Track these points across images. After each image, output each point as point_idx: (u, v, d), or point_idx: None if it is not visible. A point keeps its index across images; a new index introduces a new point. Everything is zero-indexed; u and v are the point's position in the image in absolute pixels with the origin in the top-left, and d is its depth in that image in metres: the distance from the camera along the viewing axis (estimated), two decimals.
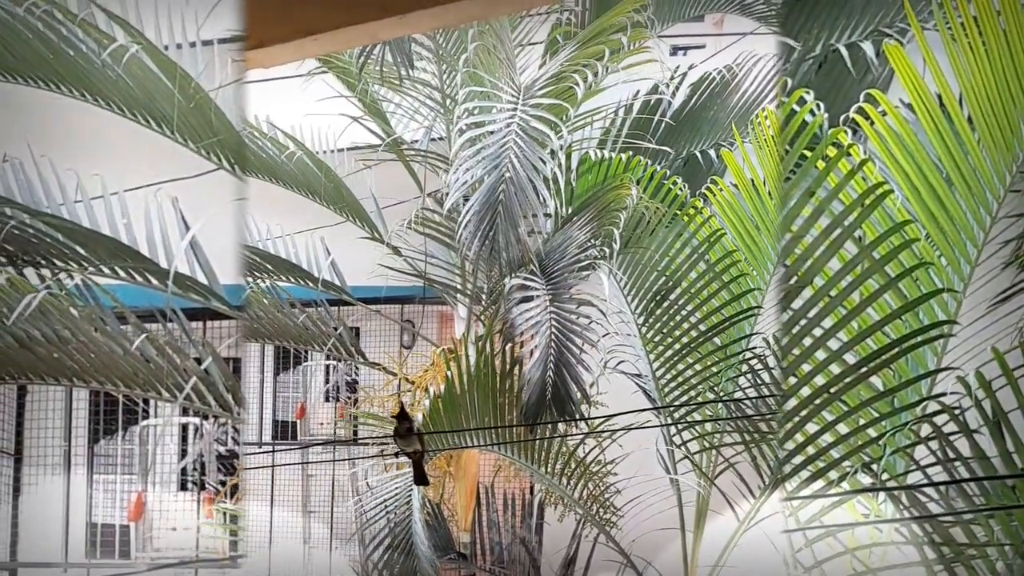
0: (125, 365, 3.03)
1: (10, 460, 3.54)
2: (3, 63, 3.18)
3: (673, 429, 3.84)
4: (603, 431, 3.84)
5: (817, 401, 2.60)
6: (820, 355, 2.60)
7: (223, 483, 3.70)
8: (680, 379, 3.75)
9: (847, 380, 2.57)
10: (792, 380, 2.63)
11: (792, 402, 2.64)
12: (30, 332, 2.95)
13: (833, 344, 2.59)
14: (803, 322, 2.58)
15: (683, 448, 3.84)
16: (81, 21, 3.13)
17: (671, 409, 3.83)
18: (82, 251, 3.12)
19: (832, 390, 2.59)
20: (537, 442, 3.80)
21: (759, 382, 3.55)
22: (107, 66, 3.25)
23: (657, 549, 3.98)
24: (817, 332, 2.59)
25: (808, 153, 2.58)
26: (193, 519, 3.41)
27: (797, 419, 2.63)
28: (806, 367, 2.61)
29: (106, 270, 3.15)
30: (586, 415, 3.70)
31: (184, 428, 3.47)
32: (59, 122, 3.38)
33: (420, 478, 3.81)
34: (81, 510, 3.70)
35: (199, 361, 3.15)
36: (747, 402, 3.61)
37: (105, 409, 3.68)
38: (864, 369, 2.56)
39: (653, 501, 3.86)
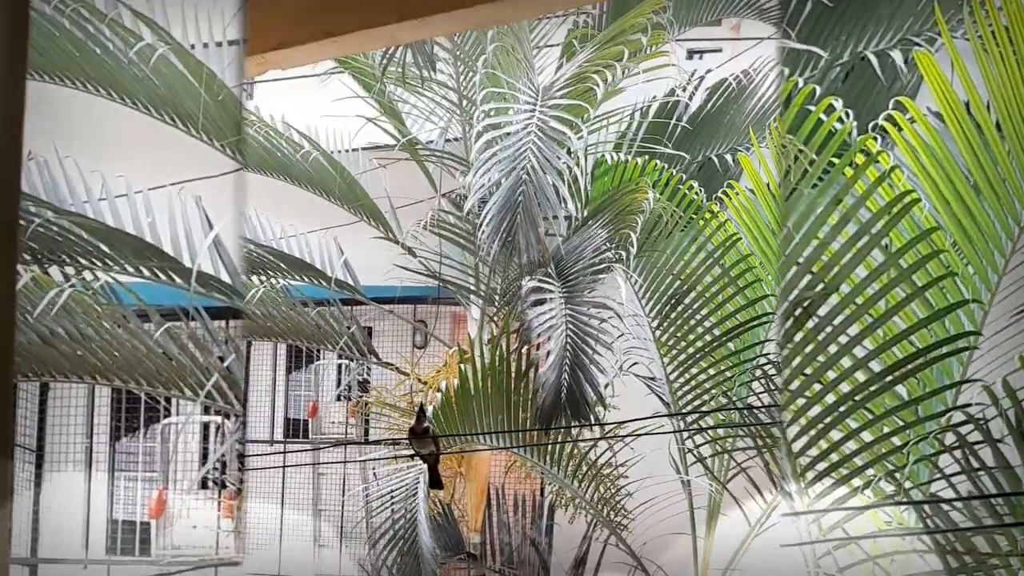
0: (148, 363, 3.03)
1: (32, 456, 3.52)
2: (29, 61, 3.16)
3: (686, 433, 3.83)
4: (616, 436, 3.83)
5: (842, 408, 2.59)
6: (846, 362, 2.58)
7: (243, 482, 3.69)
8: (693, 383, 3.74)
9: (872, 388, 2.56)
10: (816, 387, 2.62)
11: (816, 409, 2.62)
12: (53, 329, 2.94)
13: (859, 352, 2.57)
14: (828, 329, 2.57)
15: (695, 452, 3.83)
16: (109, 20, 3.12)
17: (684, 413, 3.82)
18: (106, 249, 3.11)
19: (857, 398, 2.58)
20: (550, 445, 3.79)
21: (773, 387, 3.54)
22: (133, 64, 3.24)
23: (668, 551, 3.96)
24: (843, 339, 2.58)
25: (836, 160, 2.57)
26: (214, 517, 3.39)
27: (821, 426, 2.62)
28: (831, 374, 2.60)
29: (130, 268, 3.14)
30: (601, 418, 3.69)
31: (206, 426, 3.45)
32: (84, 120, 3.36)
33: (435, 482, 3.80)
34: (102, 507, 3.69)
35: (222, 359, 3.13)
36: (760, 408, 3.60)
37: (127, 407, 3.66)
38: (889, 378, 2.55)
39: (664, 504, 3.84)
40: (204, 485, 3.57)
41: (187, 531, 3.43)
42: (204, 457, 3.44)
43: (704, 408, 3.77)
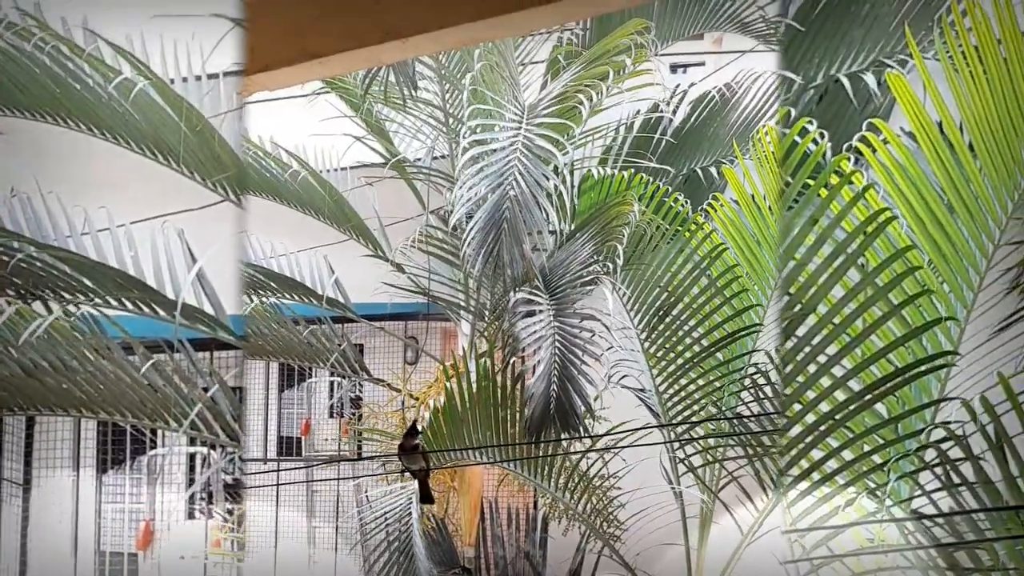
0: (133, 395, 3.02)
1: (19, 490, 3.52)
2: (11, 98, 3.17)
3: (676, 443, 3.83)
4: (606, 447, 3.83)
5: (822, 427, 2.59)
6: (825, 382, 2.58)
7: (230, 512, 3.70)
8: (683, 393, 3.74)
9: (852, 407, 2.56)
10: (797, 407, 2.62)
11: (797, 428, 2.62)
12: (38, 362, 2.94)
13: (837, 371, 2.57)
14: (807, 349, 2.57)
15: (686, 462, 3.83)
16: (88, 56, 3.12)
17: (674, 424, 3.82)
18: (89, 283, 3.11)
19: (837, 417, 2.58)
20: (540, 458, 3.79)
21: (761, 396, 3.54)
22: (114, 100, 3.24)
23: (661, 561, 3.97)
24: (822, 359, 2.57)
25: (811, 182, 2.56)
26: (201, 547, 3.40)
27: (802, 445, 2.62)
28: (811, 394, 2.60)
29: (113, 301, 3.13)
30: (590, 429, 3.68)
31: (192, 457, 3.46)
32: (66, 155, 3.37)
33: (425, 496, 3.80)
34: (90, 539, 3.70)
35: (206, 390, 3.13)
36: (750, 417, 3.60)
37: (113, 439, 3.68)
38: (868, 396, 2.55)
39: (657, 514, 3.84)
40: (191, 516, 3.58)
41: (174, 561, 3.44)
42: (190, 487, 3.45)
43: (694, 418, 3.77)
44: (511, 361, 3.68)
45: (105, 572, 3.65)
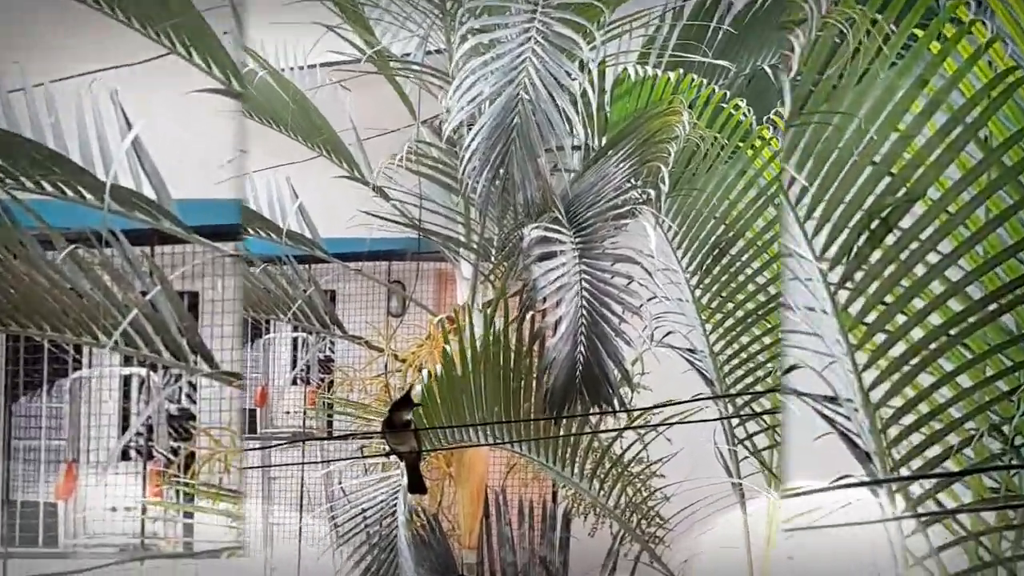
0: (52, 302, 3.02)
1: None
2: None
3: (735, 419, 3.84)
4: (647, 425, 3.84)
5: (932, 346, 2.59)
6: (936, 287, 2.58)
7: (175, 451, 3.69)
8: (744, 356, 3.76)
9: (971, 320, 2.55)
10: (900, 319, 2.61)
11: (900, 347, 2.62)
12: None
13: (953, 274, 2.57)
14: (913, 245, 2.57)
15: (747, 443, 3.84)
16: None
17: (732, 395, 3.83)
18: None
19: (952, 332, 2.57)
20: (562, 438, 3.79)
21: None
22: None
23: (716, 571, 3.97)
24: (932, 258, 2.57)
25: (919, 32, 2.57)
26: (137, 497, 3.39)
27: (907, 368, 2.62)
28: (918, 302, 2.59)
29: (28, 183, 3.13)
30: (626, 401, 3.68)
31: (126, 381, 3.45)
32: None
33: (416, 485, 3.80)
34: None
35: (145, 295, 3.13)
36: None
37: (26, 358, 3.67)
38: (993, 306, 2.54)
39: (710, 510, 3.85)
40: (126, 456, 3.57)
41: (103, 514, 3.43)
42: (125, 421, 3.45)
43: (758, 387, 3.78)
44: (527, 315, 3.68)
45: (15, 527, 3.64)
